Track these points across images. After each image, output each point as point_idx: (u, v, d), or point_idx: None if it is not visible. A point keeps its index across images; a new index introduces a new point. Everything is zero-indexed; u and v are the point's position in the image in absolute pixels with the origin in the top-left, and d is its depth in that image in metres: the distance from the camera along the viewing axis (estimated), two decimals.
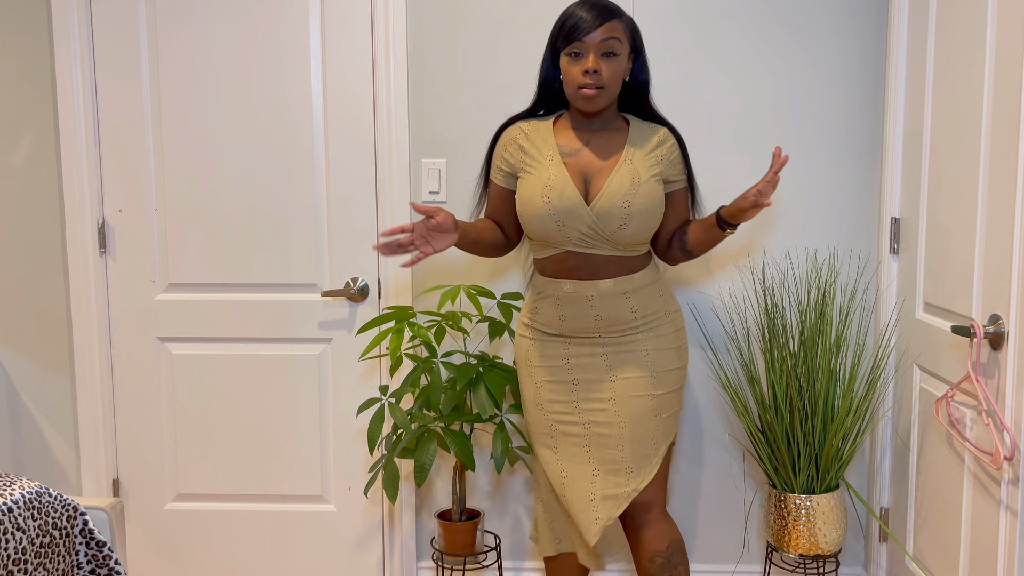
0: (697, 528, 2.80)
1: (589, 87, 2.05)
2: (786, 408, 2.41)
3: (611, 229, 2.08)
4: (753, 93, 2.64)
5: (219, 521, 2.87)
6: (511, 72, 2.66)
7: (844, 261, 2.67)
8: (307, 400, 2.82)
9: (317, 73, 2.70)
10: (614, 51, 2.05)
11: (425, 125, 2.71)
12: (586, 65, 2.04)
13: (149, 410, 2.85)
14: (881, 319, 2.59)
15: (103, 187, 2.78)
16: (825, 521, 2.39)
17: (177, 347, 2.83)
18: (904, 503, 2.47)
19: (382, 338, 2.46)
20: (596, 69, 2.03)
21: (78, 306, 2.79)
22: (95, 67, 2.73)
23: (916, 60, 2.39)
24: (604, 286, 2.13)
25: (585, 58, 2.05)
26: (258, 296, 2.79)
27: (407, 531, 2.82)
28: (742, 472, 2.77)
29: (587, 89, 2.05)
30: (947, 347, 2.18)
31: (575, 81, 2.06)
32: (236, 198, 2.75)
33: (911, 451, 2.42)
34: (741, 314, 2.69)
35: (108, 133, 2.76)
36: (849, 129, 2.64)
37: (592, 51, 2.04)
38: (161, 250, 2.79)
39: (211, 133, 2.73)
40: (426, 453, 2.38)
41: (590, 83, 2.04)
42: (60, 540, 1.79)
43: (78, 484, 2.87)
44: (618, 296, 2.13)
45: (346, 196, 2.74)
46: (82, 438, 2.83)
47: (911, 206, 2.43)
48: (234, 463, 2.85)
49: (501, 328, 2.52)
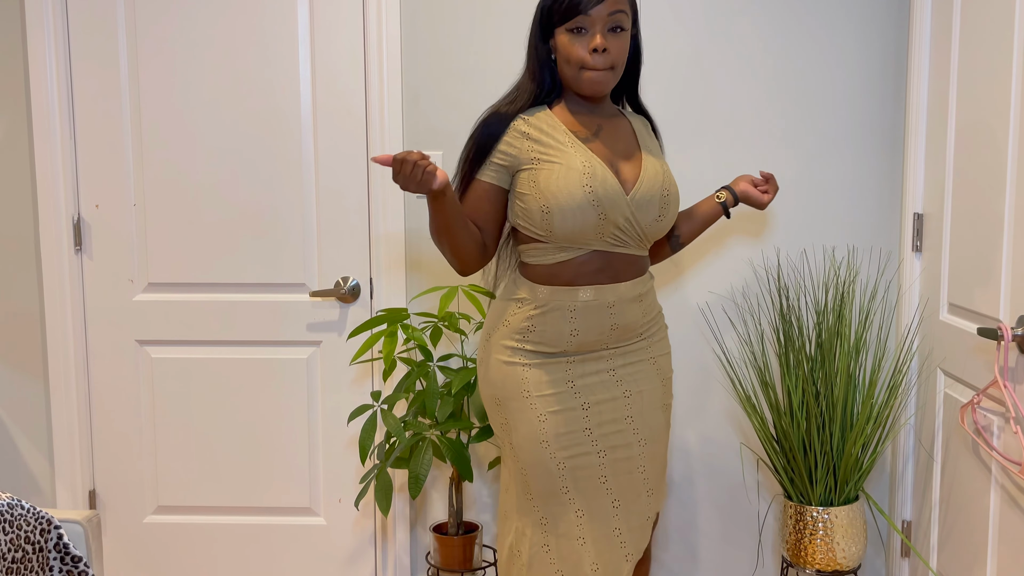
0: (708, 542, 2.80)
1: (597, 67, 1.93)
2: (802, 415, 2.40)
3: (648, 220, 2.00)
4: (767, 81, 2.64)
5: (202, 535, 2.87)
6: (512, 59, 2.65)
7: (864, 259, 2.67)
8: (295, 407, 2.81)
9: (306, 60, 2.70)
10: (621, 25, 1.93)
11: (420, 116, 2.71)
12: (594, 43, 1.90)
13: (127, 417, 2.84)
14: (903, 321, 2.59)
15: (79, 181, 2.77)
16: (844, 535, 2.39)
17: (157, 350, 2.82)
18: (927, 516, 2.47)
19: (374, 341, 2.46)
20: (605, 47, 1.91)
21: (52, 307, 2.78)
22: (70, 53, 2.73)
23: (940, 45, 2.39)
24: (623, 290, 2.01)
25: (590, 34, 1.91)
26: (243, 296, 2.79)
27: (401, 545, 2.82)
28: (756, 483, 2.77)
29: (594, 71, 1.93)
30: (973, 350, 2.18)
31: (578, 60, 1.93)
32: (220, 193, 2.75)
33: (935, 461, 2.42)
34: (755, 315, 2.69)
35: (84, 124, 2.75)
36: (869, 118, 2.63)
37: (599, 25, 1.90)
38: (140, 248, 2.79)
39: (193, 124, 2.73)
40: (421, 463, 2.38)
41: (598, 63, 1.92)
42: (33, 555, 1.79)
43: (52, 496, 2.86)
44: (633, 301, 2.04)
45: (336, 190, 2.73)
46: (56, 447, 2.83)
47: (935, 201, 2.43)
48: (218, 473, 2.85)
49: None
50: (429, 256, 2.74)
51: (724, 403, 2.75)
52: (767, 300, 2.69)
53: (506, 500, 2.12)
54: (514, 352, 2.03)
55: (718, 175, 2.58)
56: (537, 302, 2.01)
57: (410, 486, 2.37)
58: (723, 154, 2.65)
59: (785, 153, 2.65)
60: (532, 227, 1.99)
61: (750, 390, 2.61)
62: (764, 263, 2.69)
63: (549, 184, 1.94)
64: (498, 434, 2.11)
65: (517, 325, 2.03)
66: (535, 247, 2.03)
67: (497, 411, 2.07)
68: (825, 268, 2.66)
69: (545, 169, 1.96)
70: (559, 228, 1.95)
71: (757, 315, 2.69)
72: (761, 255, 2.69)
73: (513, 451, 2.04)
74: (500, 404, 2.05)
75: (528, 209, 1.98)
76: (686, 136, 2.66)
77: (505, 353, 2.04)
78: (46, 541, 1.82)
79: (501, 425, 2.07)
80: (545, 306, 2.01)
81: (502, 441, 2.10)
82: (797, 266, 2.68)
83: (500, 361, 2.04)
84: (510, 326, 2.04)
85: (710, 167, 2.65)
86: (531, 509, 2.04)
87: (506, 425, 2.05)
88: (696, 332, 2.72)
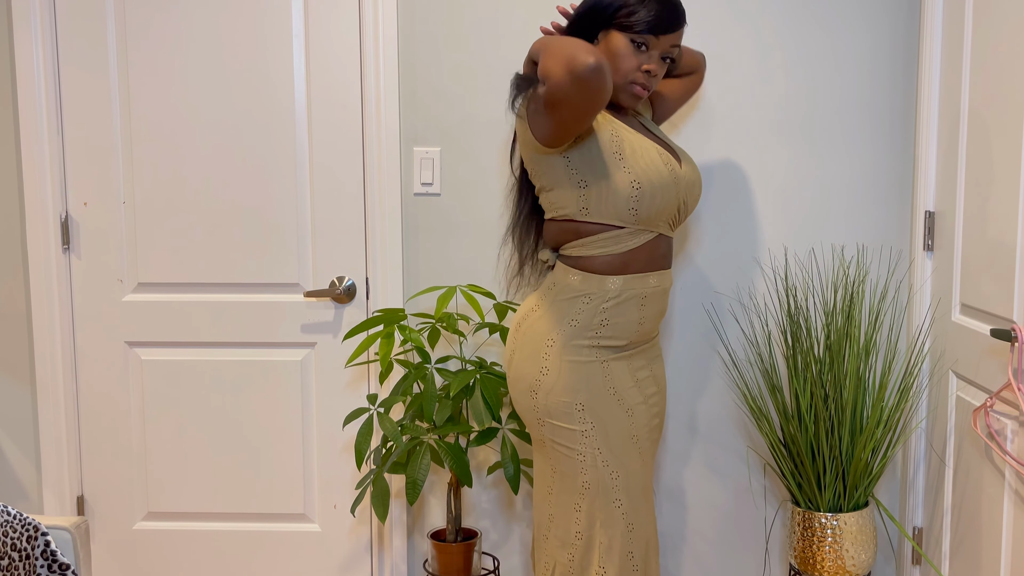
0: (713, 549, 2.80)
1: (642, 87, 2.01)
2: (810, 419, 2.40)
3: (692, 201, 2.10)
4: (772, 72, 2.63)
5: (193, 542, 2.87)
6: (517, 52, 2.65)
7: (874, 259, 2.67)
8: (289, 410, 2.81)
9: (299, 52, 2.70)
10: (673, 57, 2.05)
11: (418, 110, 2.71)
12: (649, 65, 1.99)
13: (117, 421, 2.84)
14: (914, 322, 2.59)
15: (66, 178, 2.77)
16: (853, 542, 2.39)
17: (147, 352, 2.82)
18: (939, 522, 2.47)
19: (371, 342, 2.46)
20: (656, 73, 2.01)
21: (39, 308, 2.78)
22: (57, 45, 2.73)
23: (953, 36, 2.39)
24: (670, 276, 2.12)
25: (647, 53, 1.99)
26: (235, 297, 2.79)
27: (398, 553, 2.82)
28: (763, 488, 2.77)
29: (640, 88, 2.01)
30: (986, 352, 2.18)
31: (628, 71, 1.99)
32: (211, 190, 2.75)
33: (947, 466, 2.42)
34: (761, 316, 2.69)
35: (72, 119, 2.75)
36: (879, 112, 2.63)
37: (658, 50, 2.00)
38: (130, 247, 2.79)
39: (184, 119, 2.73)
40: (418, 468, 2.38)
41: (647, 84, 2.02)
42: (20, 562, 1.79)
43: (39, 502, 2.86)
44: (669, 288, 2.13)
45: (331, 187, 2.73)
46: (44, 451, 2.83)
47: (947, 199, 2.43)
48: (209, 479, 2.84)
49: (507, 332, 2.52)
50: (427, 255, 2.74)
51: (730, 406, 2.75)
52: (774, 300, 2.69)
53: (566, 522, 2.05)
54: (591, 350, 2.01)
55: (721, 170, 2.58)
56: (609, 294, 2.01)
57: (407, 492, 2.37)
58: (724, 149, 2.65)
59: (791, 148, 2.65)
60: (614, 207, 1.97)
61: (756, 393, 2.61)
62: (771, 262, 2.69)
63: (637, 159, 1.97)
64: (567, 448, 2.02)
65: (588, 321, 2.01)
66: (604, 236, 2.00)
67: (577, 418, 2.00)
68: (834, 267, 2.66)
69: (628, 143, 1.99)
70: (646, 207, 1.97)
71: (764, 316, 2.69)
72: (768, 254, 2.69)
73: (598, 458, 2.00)
74: (584, 409, 2.00)
75: (614, 187, 1.96)
76: (690, 131, 2.66)
77: (582, 353, 2.01)
78: (33, 548, 1.81)
79: (581, 434, 2.00)
80: (618, 297, 2.01)
81: (568, 455, 2.02)
82: (805, 265, 2.68)
83: (575, 363, 2.00)
84: (579, 324, 2.01)
85: (715, 162, 2.65)
86: (618, 519, 2.02)
87: (591, 431, 2.00)
88: (701, 333, 2.72)
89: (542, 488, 2.10)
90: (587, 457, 2.00)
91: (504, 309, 2.55)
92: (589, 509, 2.01)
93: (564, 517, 2.04)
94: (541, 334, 2.04)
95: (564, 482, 2.04)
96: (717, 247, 2.70)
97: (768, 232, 2.69)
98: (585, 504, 2.01)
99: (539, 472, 2.12)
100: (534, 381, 2.03)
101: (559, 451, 2.03)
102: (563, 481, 2.04)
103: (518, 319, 2.12)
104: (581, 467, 2.01)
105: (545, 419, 2.03)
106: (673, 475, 2.78)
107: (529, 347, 2.05)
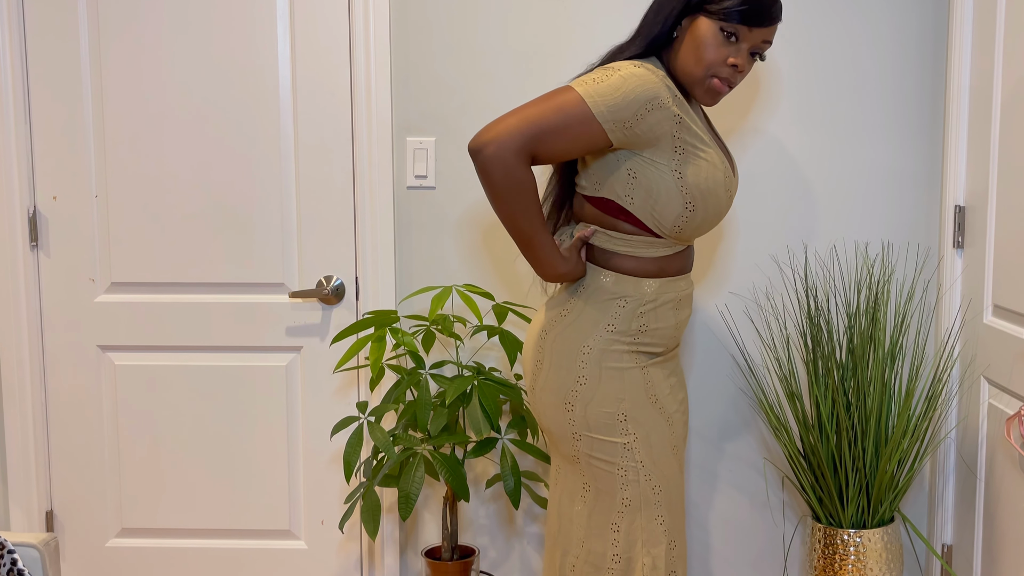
0: (728, 567, 2.80)
1: (725, 82, 1.93)
2: (832, 428, 2.41)
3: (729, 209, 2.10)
4: (791, 59, 2.64)
5: (170, 560, 2.87)
6: (519, 33, 2.65)
7: (900, 256, 2.67)
8: (273, 419, 2.82)
9: (284, 35, 2.70)
10: (762, 54, 1.97)
11: (411, 97, 2.71)
12: (738, 60, 1.91)
13: (88, 430, 2.84)
14: (943, 324, 2.59)
15: (34, 170, 2.78)
16: (877, 560, 2.39)
17: (121, 357, 2.83)
18: (970, 539, 2.47)
19: (360, 346, 2.46)
20: (743, 70, 1.93)
21: (5, 309, 2.78)
22: (25, 29, 2.73)
23: (984, 19, 2.39)
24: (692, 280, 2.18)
25: (738, 47, 1.91)
26: (215, 297, 2.79)
27: (390, 572, 2.82)
28: (781, 502, 2.77)
29: (720, 83, 1.93)
30: (1020, 357, 2.18)
31: (713, 63, 1.91)
32: (190, 183, 2.75)
33: (978, 478, 2.42)
34: (780, 318, 2.69)
35: (40, 106, 2.75)
36: (905, 101, 2.64)
37: (749, 43, 1.92)
38: (102, 244, 2.79)
39: (161, 107, 2.73)
40: (412, 481, 2.38)
41: (731, 79, 1.93)
42: None
43: (5, 517, 2.87)
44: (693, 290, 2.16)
45: (318, 180, 2.74)
46: (10, 463, 2.83)
47: (978, 192, 2.43)
48: (188, 493, 2.85)
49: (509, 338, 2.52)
50: (421, 253, 2.74)
51: (745, 415, 2.75)
52: (793, 301, 2.69)
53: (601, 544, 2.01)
54: (631, 356, 1.99)
55: (736, 161, 2.58)
56: (646, 297, 1.99)
57: (400, 506, 2.37)
58: (740, 139, 2.65)
59: (811, 138, 2.65)
60: (658, 218, 1.95)
61: (774, 400, 2.61)
62: (790, 260, 2.69)
63: (698, 180, 1.93)
64: (607, 463, 1.99)
65: (625, 326, 1.98)
66: (640, 239, 1.98)
67: (619, 429, 1.98)
68: (857, 266, 2.67)
69: (692, 160, 1.93)
70: (692, 229, 1.98)
71: (782, 318, 2.69)
72: (787, 251, 2.69)
73: (640, 472, 1.98)
74: (627, 419, 1.98)
75: (664, 201, 1.93)
76: None
77: (622, 359, 1.98)
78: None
79: (623, 447, 1.98)
80: (655, 300, 1.99)
81: (608, 471, 1.99)
82: (826, 264, 2.68)
83: (615, 370, 1.98)
84: (615, 328, 1.98)
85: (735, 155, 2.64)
86: (660, 536, 2.00)
87: (634, 444, 1.98)
88: (714, 336, 2.73)
89: (569, 510, 2.07)
90: (628, 472, 1.98)
91: (504, 311, 2.55)
92: (628, 528, 1.99)
93: (599, 539, 2.02)
94: (574, 341, 1.99)
95: (600, 501, 2.01)
96: (732, 244, 2.70)
97: (787, 228, 2.69)
98: (624, 523, 1.99)
99: (568, 492, 2.07)
100: (570, 392, 1.99)
101: (597, 467, 2.00)
102: (598, 500, 2.01)
103: (541, 327, 2.06)
104: (622, 483, 1.99)
105: (583, 433, 1.98)
106: (685, 488, 2.77)
107: (560, 356, 2.00)
